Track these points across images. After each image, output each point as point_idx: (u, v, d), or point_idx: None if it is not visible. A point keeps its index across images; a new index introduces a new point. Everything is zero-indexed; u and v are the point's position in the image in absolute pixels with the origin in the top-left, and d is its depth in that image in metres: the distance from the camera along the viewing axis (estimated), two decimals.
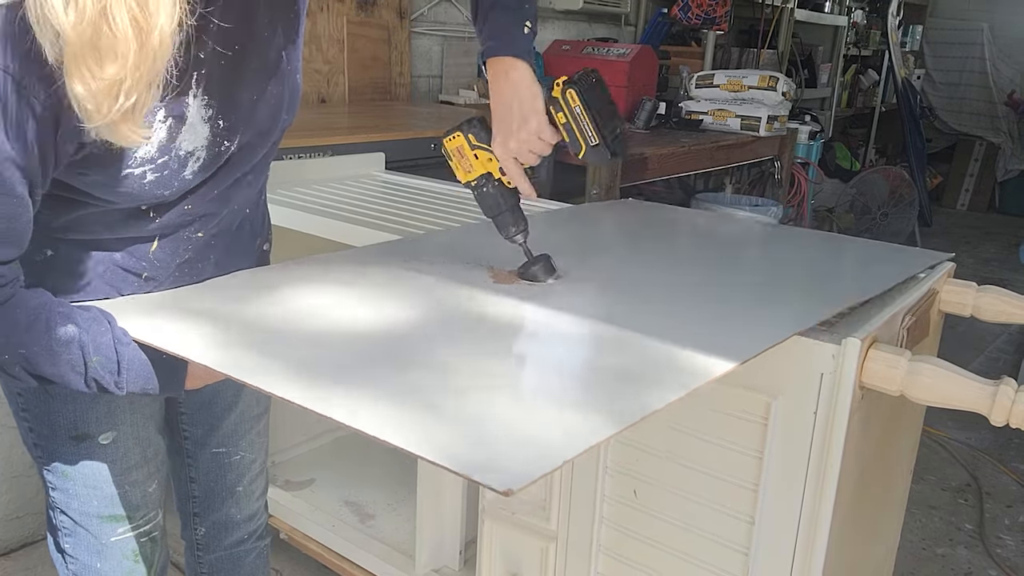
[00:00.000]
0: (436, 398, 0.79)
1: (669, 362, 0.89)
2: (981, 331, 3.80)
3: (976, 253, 5.75)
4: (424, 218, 1.61)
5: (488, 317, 1.03)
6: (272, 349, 0.90)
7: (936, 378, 1.01)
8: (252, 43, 0.94)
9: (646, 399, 0.79)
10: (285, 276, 1.14)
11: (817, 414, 1.05)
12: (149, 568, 1.20)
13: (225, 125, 0.94)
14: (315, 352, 0.90)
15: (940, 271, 1.31)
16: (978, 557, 2.26)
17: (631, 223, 1.71)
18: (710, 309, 1.11)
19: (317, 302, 1.07)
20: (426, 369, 0.86)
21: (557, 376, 0.89)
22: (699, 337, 0.95)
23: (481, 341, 0.96)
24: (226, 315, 0.98)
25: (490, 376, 0.85)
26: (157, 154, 0.88)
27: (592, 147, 1.09)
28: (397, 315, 1.04)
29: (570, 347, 0.97)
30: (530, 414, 0.77)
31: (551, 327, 1.02)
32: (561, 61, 3.83)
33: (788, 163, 4.13)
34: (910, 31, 7.03)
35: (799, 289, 1.25)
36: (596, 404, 0.80)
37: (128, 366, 0.91)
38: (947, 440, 2.88)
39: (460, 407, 0.77)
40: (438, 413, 0.75)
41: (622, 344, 0.95)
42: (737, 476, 1.14)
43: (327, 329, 0.98)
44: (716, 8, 4.14)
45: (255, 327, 0.96)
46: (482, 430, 0.73)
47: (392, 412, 0.75)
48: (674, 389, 0.81)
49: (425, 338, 0.96)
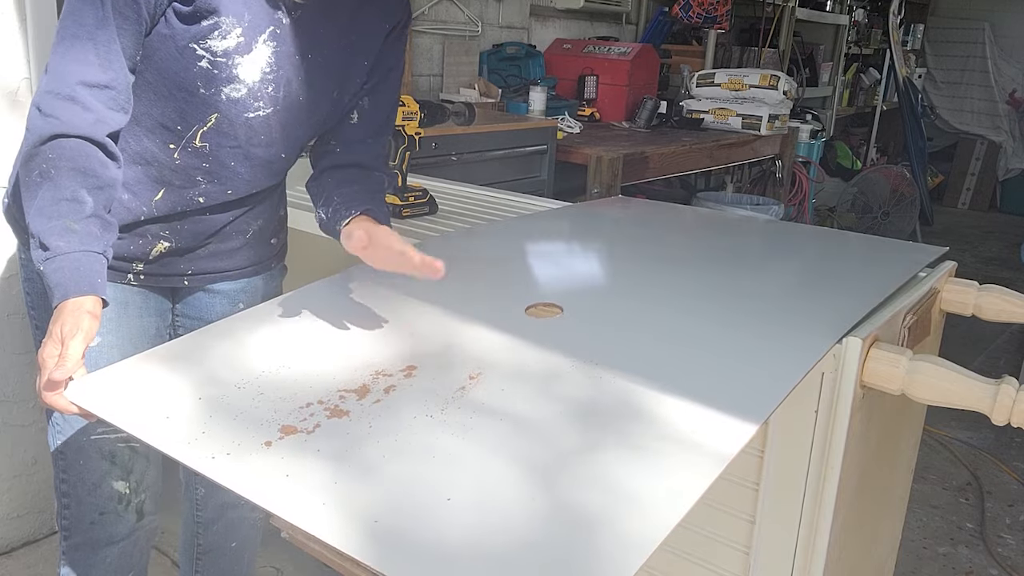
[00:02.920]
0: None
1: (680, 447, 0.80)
2: (982, 330, 3.80)
3: (977, 252, 5.74)
4: (424, 217, 1.61)
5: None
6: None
7: (937, 377, 1.01)
8: (323, 64, 1.14)
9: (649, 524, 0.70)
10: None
11: (818, 413, 1.05)
12: (127, 474, 1.22)
13: (273, 91, 1.10)
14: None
15: (941, 270, 1.31)
16: (979, 556, 2.26)
17: (624, 222, 1.71)
18: (711, 349, 1.01)
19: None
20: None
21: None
22: (708, 400, 0.87)
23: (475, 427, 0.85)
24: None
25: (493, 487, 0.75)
26: (220, 52, 1.04)
27: None
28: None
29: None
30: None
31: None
32: (562, 60, 3.83)
33: (789, 162, 4.13)
34: (911, 30, 7.02)
35: (804, 311, 1.17)
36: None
37: (70, 259, 0.94)
38: (948, 439, 2.88)
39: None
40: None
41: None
42: (738, 475, 1.14)
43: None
44: (717, 7, 4.14)
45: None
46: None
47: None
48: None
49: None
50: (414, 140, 1.62)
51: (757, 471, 1.12)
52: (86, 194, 0.97)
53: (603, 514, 0.71)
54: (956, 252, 1.42)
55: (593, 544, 0.67)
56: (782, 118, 3.85)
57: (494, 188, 1.89)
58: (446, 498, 0.72)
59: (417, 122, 1.61)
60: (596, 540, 0.68)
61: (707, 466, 0.76)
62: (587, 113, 3.64)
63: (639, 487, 0.74)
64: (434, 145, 2.30)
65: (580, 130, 3.31)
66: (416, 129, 1.61)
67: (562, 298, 1.13)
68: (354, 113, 1.24)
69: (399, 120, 1.58)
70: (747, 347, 1.01)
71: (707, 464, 0.77)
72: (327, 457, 0.79)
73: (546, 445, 0.81)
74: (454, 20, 3.47)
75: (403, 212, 1.59)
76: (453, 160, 2.40)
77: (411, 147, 1.61)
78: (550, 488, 0.74)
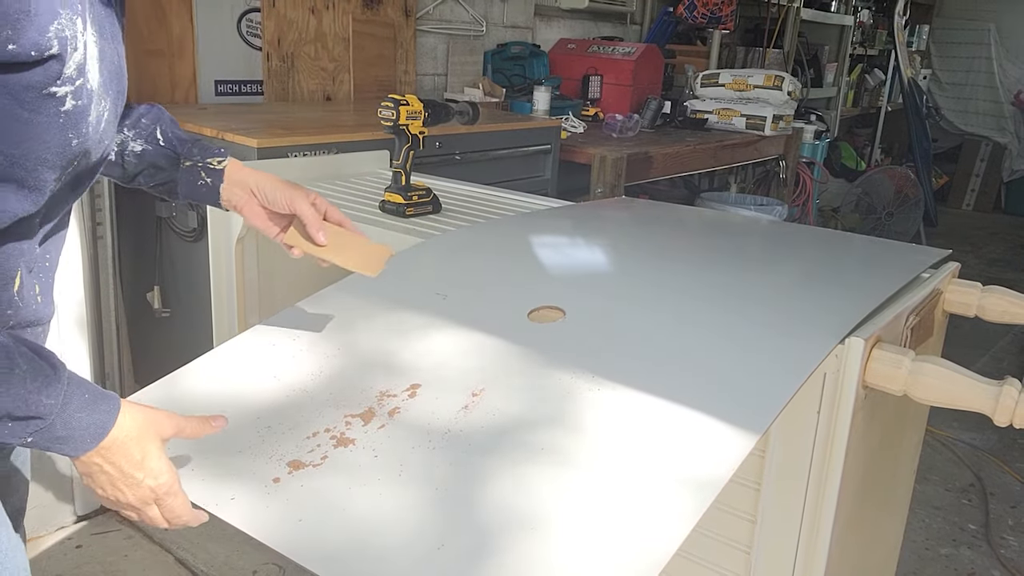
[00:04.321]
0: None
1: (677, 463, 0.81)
2: (985, 331, 3.79)
3: (981, 253, 5.73)
4: (428, 216, 1.62)
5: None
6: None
7: (940, 378, 1.01)
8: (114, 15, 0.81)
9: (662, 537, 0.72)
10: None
11: (820, 413, 1.05)
12: None
13: (102, 80, 0.77)
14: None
15: (944, 271, 1.31)
16: (982, 557, 2.25)
17: (627, 222, 1.71)
18: (713, 353, 1.01)
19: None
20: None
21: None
22: (708, 407, 0.88)
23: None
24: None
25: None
26: (75, 74, 0.71)
27: None
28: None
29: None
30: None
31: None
32: (567, 60, 3.83)
33: (793, 162, 4.13)
34: (916, 31, 7.01)
35: (806, 312, 1.19)
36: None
37: (71, 402, 0.71)
38: (951, 440, 2.88)
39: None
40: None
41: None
42: (740, 474, 1.14)
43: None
44: (722, 7, 4.13)
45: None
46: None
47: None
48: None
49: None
50: (418, 139, 1.62)
51: (759, 471, 1.12)
52: None
53: (601, 545, 0.71)
54: (960, 253, 1.41)
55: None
56: (786, 119, 3.85)
57: (498, 187, 1.89)
58: (438, 546, 0.73)
59: (421, 121, 1.61)
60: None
61: (700, 495, 0.76)
62: (591, 113, 3.64)
63: (636, 514, 0.74)
64: (438, 144, 2.30)
65: (584, 130, 3.31)
66: (420, 128, 1.62)
67: (565, 300, 1.13)
68: None
69: (403, 119, 1.58)
70: (749, 349, 1.01)
71: (700, 493, 0.77)
72: (336, 495, 0.80)
73: (548, 476, 0.81)
74: (459, 19, 3.47)
75: (407, 211, 1.59)
76: (457, 159, 2.40)
77: (415, 146, 1.62)
78: (549, 527, 0.75)
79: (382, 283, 1.08)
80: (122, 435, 0.73)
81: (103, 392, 0.75)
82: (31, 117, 0.69)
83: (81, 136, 0.74)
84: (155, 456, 0.76)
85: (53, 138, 0.71)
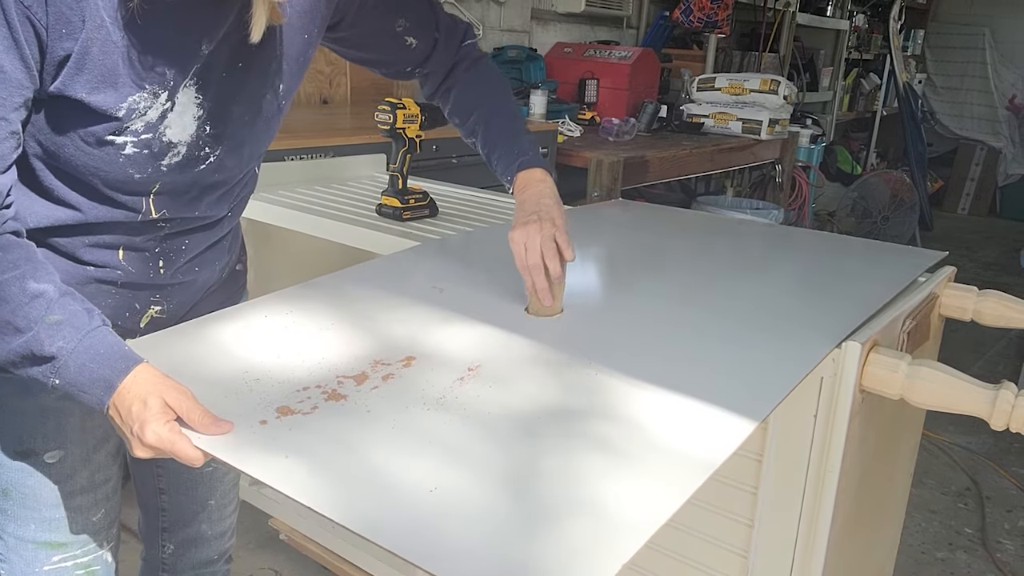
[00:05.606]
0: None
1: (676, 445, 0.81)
2: (981, 335, 3.80)
3: (977, 257, 5.75)
4: (425, 220, 1.62)
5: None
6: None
7: (936, 382, 1.01)
8: (257, 68, 0.95)
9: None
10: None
11: (817, 417, 1.05)
12: None
13: (211, 132, 0.94)
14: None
15: (940, 275, 1.31)
16: (978, 561, 2.26)
17: (624, 225, 1.71)
18: (709, 352, 1.01)
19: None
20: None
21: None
22: (706, 396, 0.88)
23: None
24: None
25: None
26: (143, 129, 0.87)
27: None
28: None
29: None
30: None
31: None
32: (563, 63, 3.84)
33: (789, 166, 4.14)
34: (912, 35, 7.03)
35: (803, 315, 1.21)
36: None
37: (83, 350, 0.81)
38: (947, 444, 2.88)
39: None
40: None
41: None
42: (736, 479, 1.14)
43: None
44: (718, 11, 4.14)
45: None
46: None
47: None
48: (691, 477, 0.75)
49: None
50: (415, 143, 1.62)
51: (756, 475, 1.12)
52: (34, 283, 0.81)
53: (581, 519, 0.70)
54: (956, 257, 1.42)
55: (569, 549, 0.67)
56: (782, 122, 3.86)
57: (495, 191, 1.90)
58: (429, 489, 0.72)
59: (418, 125, 1.61)
60: (572, 544, 0.67)
61: (693, 474, 0.75)
62: (587, 116, 3.65)
63: (621, 493, 0.73)
64: (435, 148, 2.30)
65: (580, 134, 3.31)
66: (417, 132, 1.61)
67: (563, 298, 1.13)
68: (352, 49, 1.15)
69: (399, 123, 1.58)
70: (745, 350, 1.01)
71: (693, 472, 0.76)
72: (325, 438, 0.79)
73: (534, 442, 0.80)
74: None
75: (403, 215, 1.59)
76: (454, 163, 2.40)
77: (412, 150, 1.62)
78: (533, 487, 0.74)
79: (379, 275, 1.08)
80: (129, 396, 0.80)
81: (126, 353, 0.83)
82: (92, 151, 0.86)
83: (145, 173, 0.89)
84: (140, 407, 0.80)
85: (114, 169, 0.87)
